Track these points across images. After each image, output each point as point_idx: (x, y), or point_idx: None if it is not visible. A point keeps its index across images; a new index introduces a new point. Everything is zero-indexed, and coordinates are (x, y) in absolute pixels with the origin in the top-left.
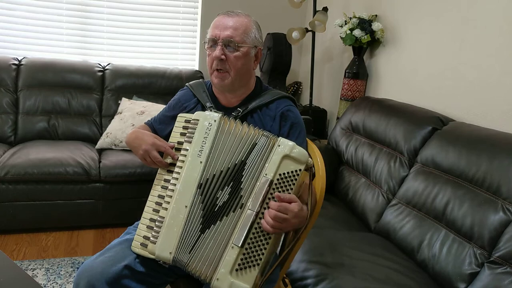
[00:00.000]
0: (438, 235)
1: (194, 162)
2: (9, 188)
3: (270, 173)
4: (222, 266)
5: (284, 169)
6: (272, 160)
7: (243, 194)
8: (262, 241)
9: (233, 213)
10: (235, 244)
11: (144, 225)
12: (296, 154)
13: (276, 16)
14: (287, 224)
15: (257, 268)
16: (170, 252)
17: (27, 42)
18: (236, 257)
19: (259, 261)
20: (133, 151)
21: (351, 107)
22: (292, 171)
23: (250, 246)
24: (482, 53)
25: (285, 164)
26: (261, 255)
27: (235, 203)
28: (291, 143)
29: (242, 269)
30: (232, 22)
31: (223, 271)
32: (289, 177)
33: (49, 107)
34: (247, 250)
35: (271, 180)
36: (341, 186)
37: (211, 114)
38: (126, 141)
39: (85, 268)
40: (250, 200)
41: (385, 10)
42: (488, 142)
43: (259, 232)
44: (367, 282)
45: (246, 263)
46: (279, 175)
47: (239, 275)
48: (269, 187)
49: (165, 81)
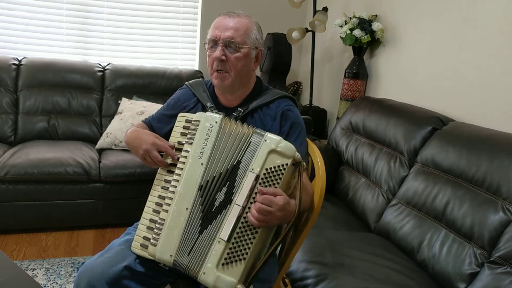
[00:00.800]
0: (438, 235)
1: (195, 164)
2: (9, 188)
3: (257, 168)
4: (208, 261)
5: (270, 164)
6: (259, 155)
7: (234, 191)
8: (249, 235)
9: (224, 210)
10: (222, 238)
11: (144, 225)
12: (282, 149)
13: (276, 16)
14: (271, 217)
15: (243, 262)
16: (170, 254)
17: (27, 42)
18: (223, 251)
19: (245, 255)
20: (133, 151)
21: (351, 107)
22: (278, 166)
23: (236, 240)
24: (482, 53)
25: (271, 159)
26: (247, 249)
27: (227, 201)
28: (278, 137)
29: (229, 263)
30: (233, 23)
31: (210, 265)
32: (276, 172)
33: (49, 107)
34: (233, 245)
35: (257, 175)
36: (341, 186)
37: (212, 116)
38: (125, 141)
39: (85, 269)
40: (237, 195)
41: (385, 10)
42: (488, 142)
43: (245, 227)
44: (367, 282)
45: (233, 257)
46: (266, 170)
47: (225, 269)
48: (255, 182)
49: (165, 81)
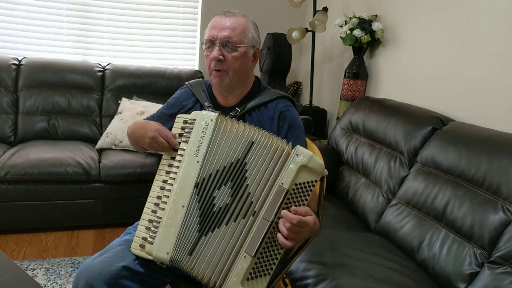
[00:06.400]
0: (438, 235)
1: (191, 162)
2: (9, 188)
3: (287, 183)
4: (233, 275)
5: (301, 179)
6: (289, 169)
7: (253, 201)
8: (275, 251)
9: (244, 220)
10: (248, 253)
11: (143, 226)
12: (314, 165)
13: (276, 16)
14: (300, 236)
15: (268, 277)
16: (167, 252)
17: (27, 42)
18: (248, 266)
19: (270, 270)
20: (139, 141)
21: (351, 107)
22: (308, 182)
23: (262, 255)
24: (482, 53)
25: (302, 174)
26: (272, 265)
27: (245, 209)
28: (310, 153)
29: (253, 278)
30: (230, 23)
31: (235, 280)
32: (305, 188)
33: (49, 107)
34: (259, 260)
35: (287, 190)
36: (341, 186)
37: (208, 114)
38: (129, 133)
39: (84, 268)
40: (264, 208)
41: (385, 10)
42: (488, 142)
43: (271, 242)
44: (367, 282)
45: (258, 273)
46: (295, 185)
47: (250, 284)
48: (284, 197)
49: (165, 81)
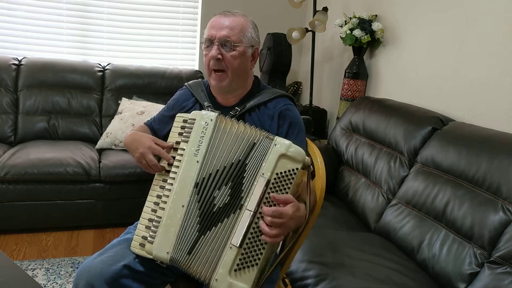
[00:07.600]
0: (438, 235)
1: (190, 161)
2: (9, 188)
3: (267, 173)
4: (220, 267)
5: (281, 168)
6: (269, 159)
7: (243, 196)
8: (261, 241)
9: (233, 214)
10: (233, 244)
11: (143, 225)
12: (292, 153)
13: (276, 16)
14: (285, 227)
15: (255, 268)
16: (167, 251)
17: (27, 42)
18: (235, 257)
19: (257, 260)
20: (131, 153)
21: (351, 107)
22: (289, 170)
23: (248, 246)
24: (482, 53)
25: (282, 163)
26: (259, 254)
27: (235, 205)
28: (288, 142)
29: (241, 269)
30: (228, 22)
31: (222, 271)
32: (286, 176)
33: (49, 107)
34: (245, 250)
35: (268, 179)
36: (341, 186)
37: (207, 113)
38: (124, 143)
39: (84, 268)
40: (248, 200)
41: (385, 10)
42: (488, 142)
43: (257, 232)
44: (367, 282)
45: (245, 263)
46: (276, 175)
47: (237, 275)
48: (266, 187)
49: (165, 81)
